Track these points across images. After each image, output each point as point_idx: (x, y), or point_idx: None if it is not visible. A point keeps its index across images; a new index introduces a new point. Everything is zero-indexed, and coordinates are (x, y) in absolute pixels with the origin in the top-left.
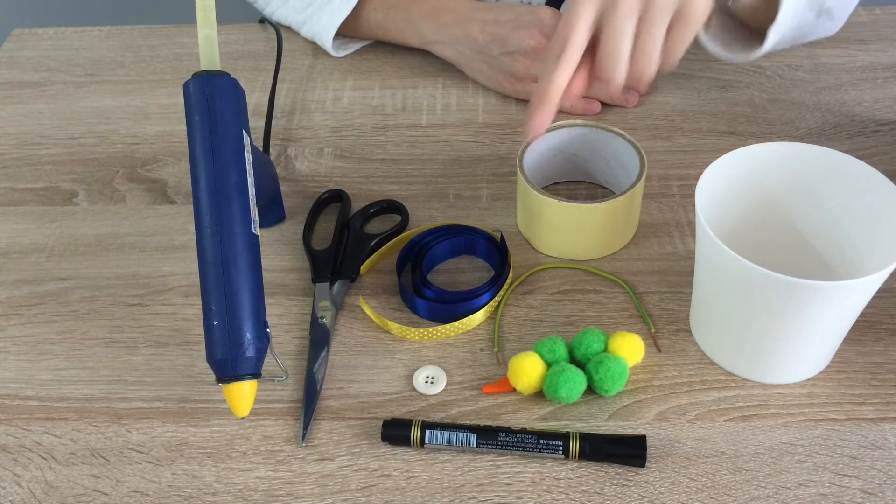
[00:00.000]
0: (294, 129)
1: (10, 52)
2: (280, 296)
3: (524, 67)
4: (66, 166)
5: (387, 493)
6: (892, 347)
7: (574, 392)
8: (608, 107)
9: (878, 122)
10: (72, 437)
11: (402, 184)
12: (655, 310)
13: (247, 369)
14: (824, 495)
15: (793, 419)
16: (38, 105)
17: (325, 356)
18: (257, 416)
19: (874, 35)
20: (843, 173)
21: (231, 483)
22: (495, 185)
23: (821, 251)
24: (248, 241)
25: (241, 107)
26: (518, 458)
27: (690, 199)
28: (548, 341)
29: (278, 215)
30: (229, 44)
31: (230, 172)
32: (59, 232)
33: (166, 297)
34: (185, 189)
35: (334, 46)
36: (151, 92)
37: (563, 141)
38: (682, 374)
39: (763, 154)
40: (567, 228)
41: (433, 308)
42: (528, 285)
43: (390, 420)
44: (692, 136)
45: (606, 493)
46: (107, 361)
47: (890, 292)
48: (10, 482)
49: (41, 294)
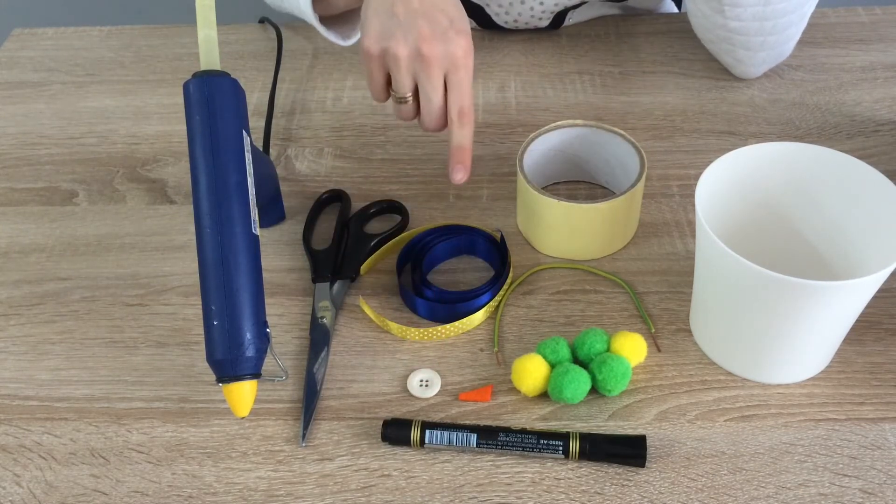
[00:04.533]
0: (294, 129)
1: (10, 52)
2: (280, 296)
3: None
4: (66, 166)
5: (387, 493)
6: (892, 347)
7: (579, 392)
8: (608, 107)
9: (878, 122)
10: (72, 437)
11: (402, 184)
12: (655, 310)
13: (247, 369)
14: (824, 495)
15: (793, 419)
16: (38, 105)
17: (325, 356)
18: (257, 416)
19: (874, 35)
20: (843, 173)
21: (231, 483)
22: (495, 185)
23: (821, 251)
24: (248, 241)
25: (241, 107)
26: (518, 458)
27: (690, 199)
28: (550, 342)
29: (278, 215)
30: (229, 44)
31: (230, 172)
32: (59, 232)
33: (166, 297)
34: (185, 189)
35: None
36: (151, 92)
37: (563, 141)
38: (682, 374)
39: (763, 154)
40: (567, 228)
41: (433, 308)
42: (528, 285)
43: (390, 420)
44: (692, 136)
45: (606, 493)
46: (107, 361)
47: (890, 292)
48: (10, 482)
49: (41, 294)
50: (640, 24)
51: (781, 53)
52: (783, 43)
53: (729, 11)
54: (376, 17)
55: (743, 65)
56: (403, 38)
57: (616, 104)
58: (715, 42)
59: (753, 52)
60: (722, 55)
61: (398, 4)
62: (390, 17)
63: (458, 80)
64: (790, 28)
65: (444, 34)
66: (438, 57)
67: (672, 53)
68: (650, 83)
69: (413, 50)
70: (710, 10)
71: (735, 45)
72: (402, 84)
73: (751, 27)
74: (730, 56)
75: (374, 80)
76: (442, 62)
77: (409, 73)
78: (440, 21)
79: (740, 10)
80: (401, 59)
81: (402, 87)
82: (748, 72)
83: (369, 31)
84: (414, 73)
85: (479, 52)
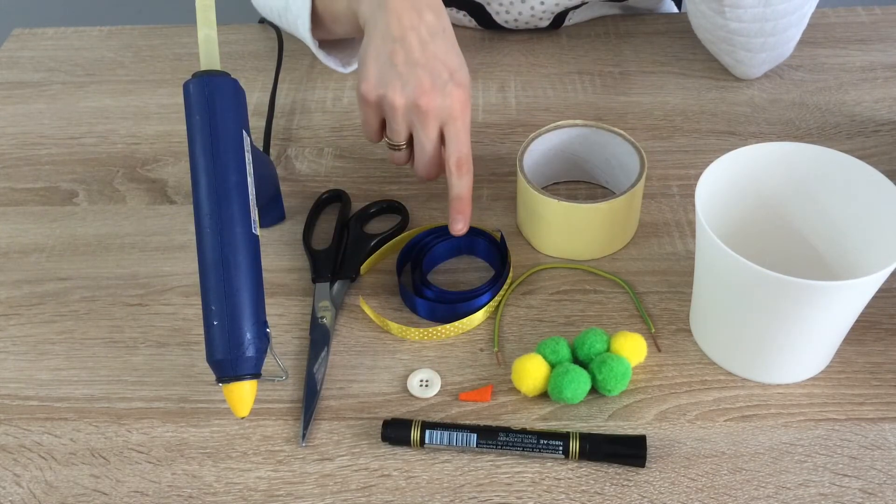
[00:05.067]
0: (294, 129)
1: (10, 52)
2: (280, 296)
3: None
4: (66, 166)
5: (387, 493)
6: (892, 347)
7: (579, 392)
8: (608, 107)
9: (878, 122)
10: (72, 437)
11: (402, 184)
12: (655, 310)
13: (247, 369)
14: (824, 495)
15: (793, 419)
16: (38, 105)
17: (325, 356)
18: (257, 416)
19: (874, 35)
20: (843, 173)
21: (231, 483)
22: (495, 185)
23: (821, 251)
24: (248, 241)
25: (241, 107)
26: (518, 458)
27: (690, 199)
28: (550, 342)
29: (278, 215)
30: (229, 44)
31: (230, 172)
32: (59, 232)
33: (166, 297)
34: (185, 189)
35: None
36: (151, 92)
37: (563, 141)
38: (682, 374)
39: (763, 154)
40: (567, 228)
41: (433, 308)
42: (528, 285)
43: (390, 420)
44: (692, 136)
45: (606, 493)
46: (107, 361)
47: (890, 292)
48: (10, 482)
49: (41, 294)
50: (640, 24)
51: (782, 54)
52: (783, 44)
53: (729, 12)
54: (375, 62)
55: (743, 65)
56: (402, 89)
57: (616, 104)
58: (715, 43)
59: (754, 53)
60: (722, 56)
61: (398, 53)
62: (390, 66)
63: (455, 132)
64: (790, 29)
65: (444, 87)
66: (436, 109)
67: (672, 53)
68: (650, 83)
69: (410, 101)
70: (710, 10)
71: (735, 46)
72: (398, 132)
73: (751, 28)
74: (730, 57)
75: (368, 125)
76: (439, 114)
77: (404, 122)
78: (440, 73)
79: (740, 11)
80: (397, 108)
81: (397, 136)
82: (748, 72)
83: (367, 77)
84: (409, 122)
85: (479, 52)
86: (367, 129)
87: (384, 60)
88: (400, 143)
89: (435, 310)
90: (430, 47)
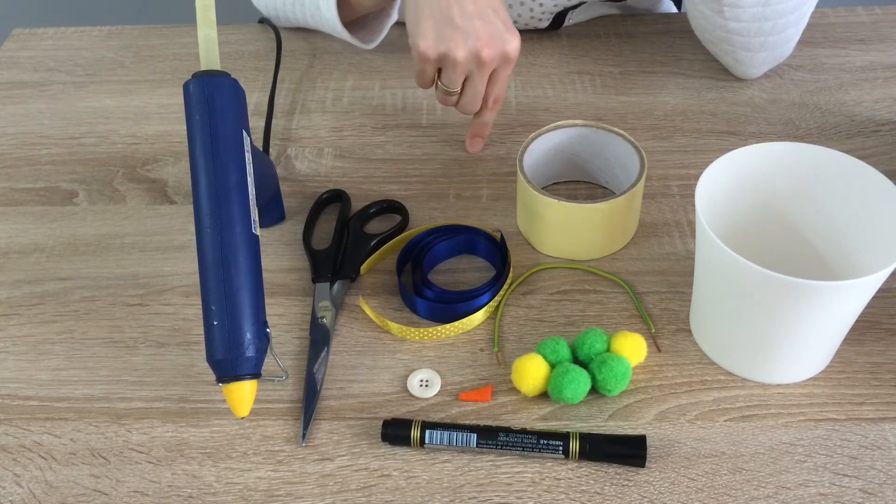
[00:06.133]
0: (294, 129)
1: (10, 52)
2: (280, 296)
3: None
4: (66, 166)
5: (387, 493)
6: (892, 347)
7: (579, 392)
8: (608, 107)
9: (878, 122)
10: (72, 437)
11: (402, 184)
12: (655, 310)
13: (247, 369)
14: (824, 495)
15: (793, 419)
16: (38, 105)
17: (325, 356)
18: (257, 416)
19: (874, 35)
20: (843, 173)
21: (231, 483)
22: (495, 185)
23: (821, 251)
24: (248, 241)
25: (241, 107)
26: (518, 458)
27: (690, 199)
28: (550, 342)
29: (278, 215)
30: (229, 44)
31: (230, 172)
32: (59, 232)
33: (166, 297)
34: (185, 189)
35: (362, 40)
36: (151, 92)
37: (563, 141)
38: (682, 374)
39: (763, 154)
40: (567, 228)
41: (433, 308)
42: (528, 285)
43: (390, 420)
44: (692, 136)
45: (606, 493)
46: (107, 361)
47: (890, 292)
48: (10, 482)
49: (41, 294)
50: (640, 24)
51: (781, 54)
52: (783, 43)
53: (728, 12)
54: (431, 19)
55: (743, 65)
56: (463, 43)
57: (616, 104)
58: (715, 43)
59: (753, 53)
60: (722, 55)
61: (453, 7)
62: (447, 22)
63: (504, 75)
64: (790, 28)
65: (501, 37)
66: (494, 59)
67: (672, 53)
68: (650, 83)
69: (472, 54)
70: (709, 10)
71: (735, 46)
72: (455, 81)
73: (750, 28)
74: (730, 56)
75: (425, 76)
76: (496, 62)
77: (464, 72)
78: (496, 24)
79: (740, 10)
80: (459, 62)
81: (454, 84)
82: (748, 72)
83: (425, 34)
84: (468, 71)
85: None
86: (421, 80)
87: (440, 17)
88: (456, 90)
89: (435, 310)
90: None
